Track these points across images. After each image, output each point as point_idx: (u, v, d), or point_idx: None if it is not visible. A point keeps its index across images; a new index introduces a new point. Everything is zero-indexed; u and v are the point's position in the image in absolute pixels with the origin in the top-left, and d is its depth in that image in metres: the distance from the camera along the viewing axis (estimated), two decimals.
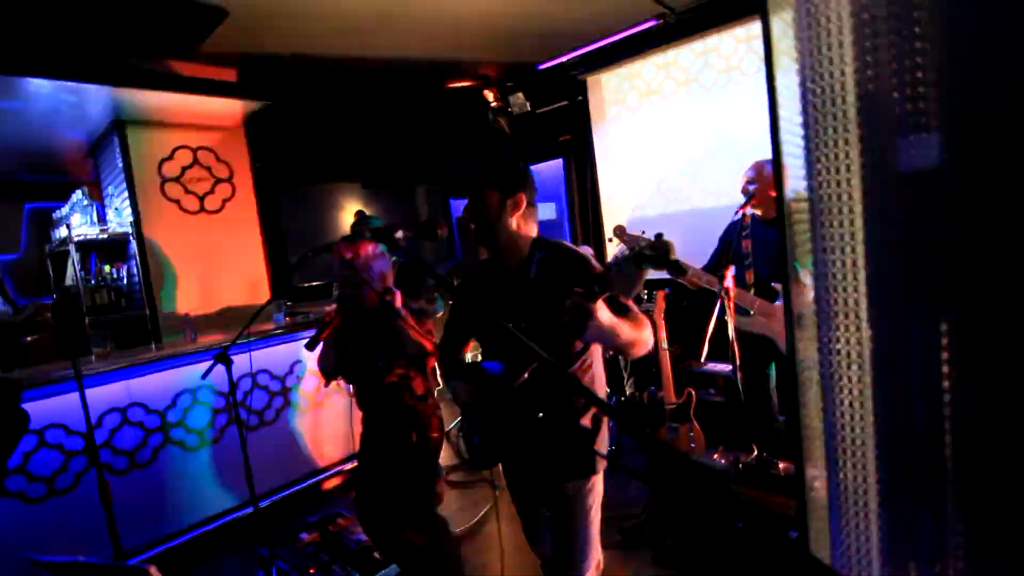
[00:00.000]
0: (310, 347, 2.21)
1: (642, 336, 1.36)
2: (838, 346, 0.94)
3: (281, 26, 3.33)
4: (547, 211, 6.04)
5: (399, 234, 1.23)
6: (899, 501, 0.91)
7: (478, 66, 4.33)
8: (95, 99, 3.29)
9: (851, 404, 0.93)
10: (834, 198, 0.80)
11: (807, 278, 1.00)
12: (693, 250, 2.91)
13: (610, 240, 2.53)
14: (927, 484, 0.86)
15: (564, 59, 4.24)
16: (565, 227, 5.79)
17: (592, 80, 4.40)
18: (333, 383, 2.30)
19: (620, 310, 1.36)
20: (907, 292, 0.80)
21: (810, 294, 0.98)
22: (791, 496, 1.06)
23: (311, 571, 2.48)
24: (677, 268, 1.01)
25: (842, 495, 0.97)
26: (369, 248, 2.10)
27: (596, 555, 1.58)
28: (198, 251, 3.83)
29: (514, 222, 1.51)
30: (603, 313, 1.20)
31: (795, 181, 0.87)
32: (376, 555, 2.60)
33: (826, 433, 0.96)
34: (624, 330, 1.29)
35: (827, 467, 1.00)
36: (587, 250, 1.73)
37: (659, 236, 1.05)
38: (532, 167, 1.55)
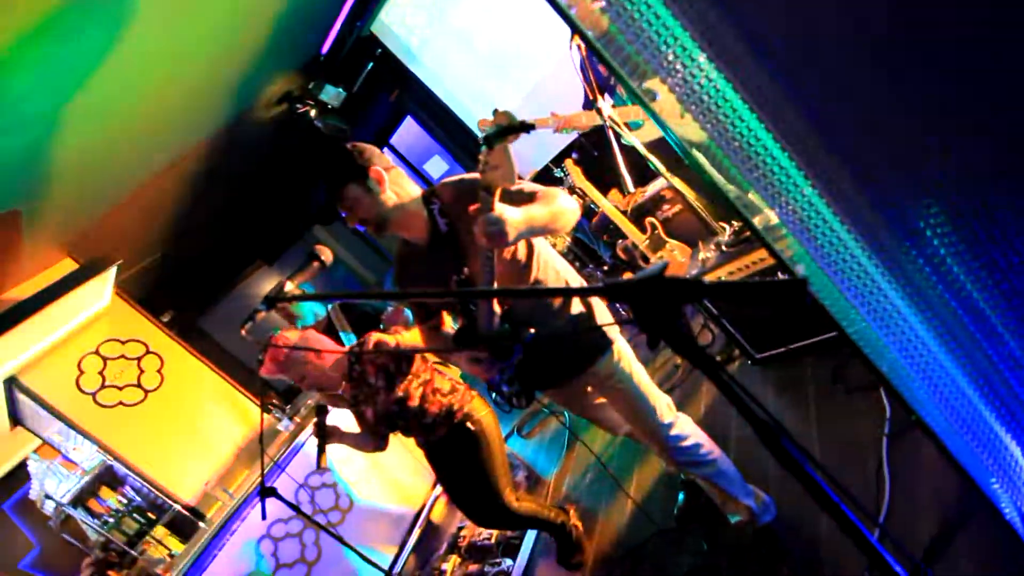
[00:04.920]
0: (321, 464, 2.10)
1: (559, 206, 1.37)
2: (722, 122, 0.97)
3: (77, 192, 3.09)
4: (438, 166, 5.94)
5: (287, 287, 1.14)
6: (843, 196, 0.97)
7: (274, 92, 4.07)
8: None
9: (756, 152, 0.97)
10: None
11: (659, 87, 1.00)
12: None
13: (479, 134, 2.54)
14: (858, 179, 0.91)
15: (337, 28, 3.99)
16: (460, 169, 5.70)
17: (376, 27, 4.16)
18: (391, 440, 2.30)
19: (526, 198, 1.37)
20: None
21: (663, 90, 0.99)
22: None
23: None
24: (527, 126, 1.03)
25: (795, 220, 1.02)
26: (285, 340, 2.04)
27: (662, 400, 1.67)
28: (171, 429, 3.70)
29: (391, 196, 1.45)
30: (509, 212, 1.20)
31: None
32: (509, 534, 2.73)
33: (749, 182, 1.00)
34: (538, 212, 1.30)
35: (769, 205, 1.05)
36: None
37: (494, 112, 1.07)
38: (392, 138, 1.48)
